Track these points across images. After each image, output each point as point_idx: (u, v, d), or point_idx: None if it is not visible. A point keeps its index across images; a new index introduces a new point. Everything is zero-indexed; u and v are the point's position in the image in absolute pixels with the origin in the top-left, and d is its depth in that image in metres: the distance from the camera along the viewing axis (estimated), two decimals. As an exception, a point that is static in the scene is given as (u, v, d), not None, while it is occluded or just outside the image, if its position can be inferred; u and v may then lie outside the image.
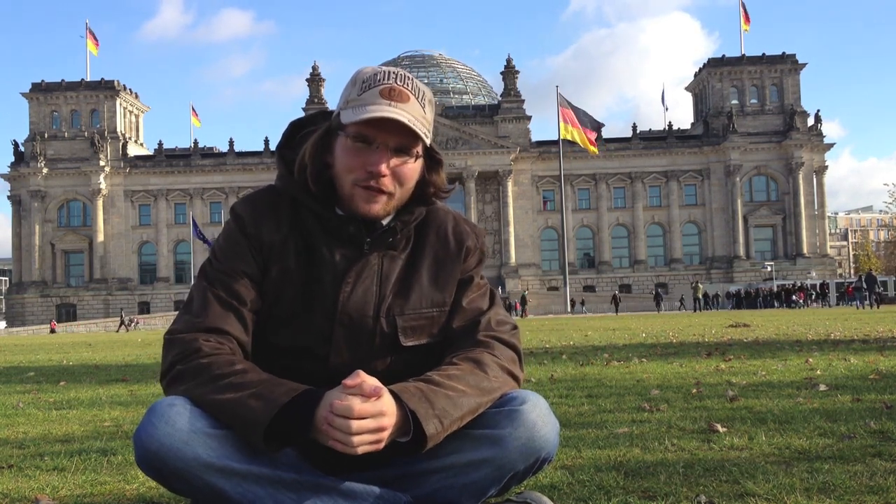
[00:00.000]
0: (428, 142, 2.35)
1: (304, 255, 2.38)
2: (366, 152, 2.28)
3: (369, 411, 2.05)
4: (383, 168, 2.27)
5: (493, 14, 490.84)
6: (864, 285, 51.88)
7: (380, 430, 2.06)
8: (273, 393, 2.12)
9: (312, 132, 2.41)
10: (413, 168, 2.34)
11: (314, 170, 2.35)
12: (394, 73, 2.31)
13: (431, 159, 2.42)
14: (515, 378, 2.42)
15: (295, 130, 2.51)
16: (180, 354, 2.26)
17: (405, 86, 2.29)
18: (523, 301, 64.29)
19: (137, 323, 73.24)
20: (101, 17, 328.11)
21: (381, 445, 2.09)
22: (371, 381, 2.09)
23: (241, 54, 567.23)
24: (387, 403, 2.08)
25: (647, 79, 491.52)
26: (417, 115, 2.29)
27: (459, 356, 2.36)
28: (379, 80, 2.28)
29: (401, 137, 2.28)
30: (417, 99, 2.30)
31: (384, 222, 2.39)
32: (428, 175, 2.42)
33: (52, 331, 67.55)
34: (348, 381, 2.08)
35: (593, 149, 60.90)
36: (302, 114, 2.58)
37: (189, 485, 2.13)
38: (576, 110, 58.55)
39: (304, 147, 2.38)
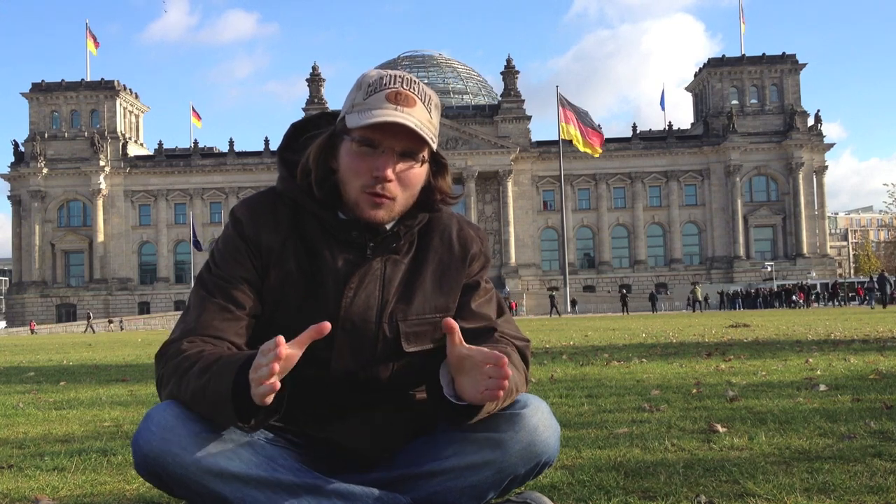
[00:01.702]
0: (434, 147, 2.32)
1: (305, 259, 2.35)
2: (371, 157, 2.25)
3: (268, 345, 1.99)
4: (389, 173, 2.24)
5: (496, 16, 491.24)
6: (877, 285, 52.85)
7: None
8: (228, 367, 2.09)
9: (316, 135, 2.38)
10: (418, 173, 2.31)
11: (318, 175, 2.32)
12: (400, 77, 2.28)
13: (437, 164, 2.39)
14: (527, 382, 2.42)
15: (296, 133, 2.48)
16: (166, 360, 2.25)
17: (412, 90, 2.25)
18: (553, 301, 64.23)
19: (122, 323, 73.50)
20: (105, 17, 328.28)
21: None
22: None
23: (246, 56, 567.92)
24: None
25: (649, 80, 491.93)
26: (424, 119, 2.25)
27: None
28: (385, 84, 2.25)
29: (407, 142, 2.25)
30: (424, 104, 2.27)
31: (387, 227, 2.36)
32: (433, 180, 2.39)
33: (32, 331, 67.44)
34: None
35: (596, 151, 60.71)
36: (302, 114, 2.56)
37: (188, 489, 2.13)
38: (577, 112, 58.43)
39: (307, 151, 2.35)
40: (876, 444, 3.59)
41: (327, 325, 2.04)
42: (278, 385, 1.98)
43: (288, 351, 1.99)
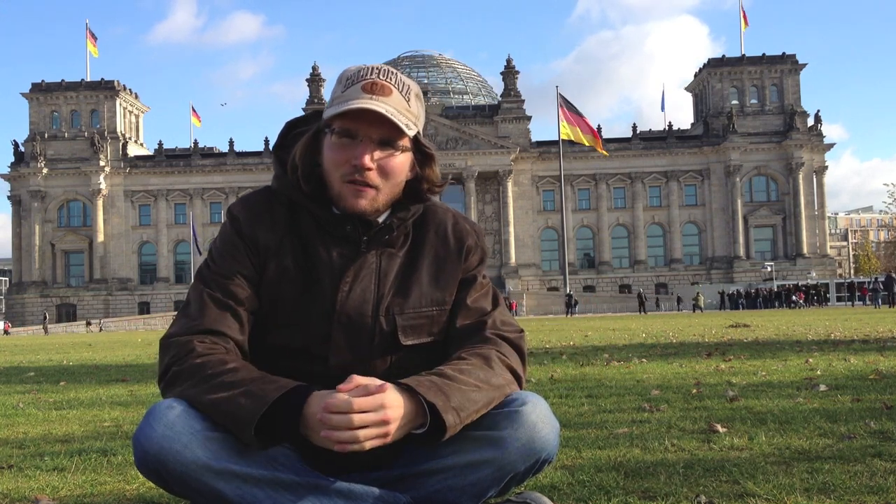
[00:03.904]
0: (411, 134, 2.33)
1: (301, 255, 2.38)
2: (350, 146, 2.29)
3: (370, 404, 2.03)
4: (367, 160, 2.27)
5: (499, 18, 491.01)
6: (882, 286, 54.46)
7: (384, 423, 2.04)
8: (263, 390, 2.11)
9: (304, 132, 2.42)
10: (400, 162, 2.34)
11: (304, 170, 2.36)
12: (377, 68, 2.32)
13: (423, 154, 2.41)
14: (518, 379, 2.41)
15: (290, 130, 2.52)
16: (176, 357, 2.26)
17: (388, 80, 2.30)
18: (570, 301, 63.89)
19: (102, 324, 73.58)
20: (111, 18, 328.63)
21: (390, 438, 2.07)
22: (367, 381, 2.08)
23: (250, 57, 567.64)
24: (389, 397, 2.06)
25: (651, 81, 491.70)
26: (400, 107, 2.28)
27: (468, 351, 2.36)
28: (362, 76, 2.30)
29: (383, 129, 2.28)
30: (401, 92, 2.30)
31: (380, 220, 2.39)
32: (420, 170, 2.42)
33: (6, 332, 67.46)
34: (342, 387, 2.06)
35: (601, 148, 60.82)
36: (301, 114, 2.57)
37: (188, 487, 2.13)
38: (577, 112, 58.43)
39: (294, 148, 2.39)
40: (876, 444, 3.59)
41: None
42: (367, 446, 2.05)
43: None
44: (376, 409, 2.04)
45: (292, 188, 2.38)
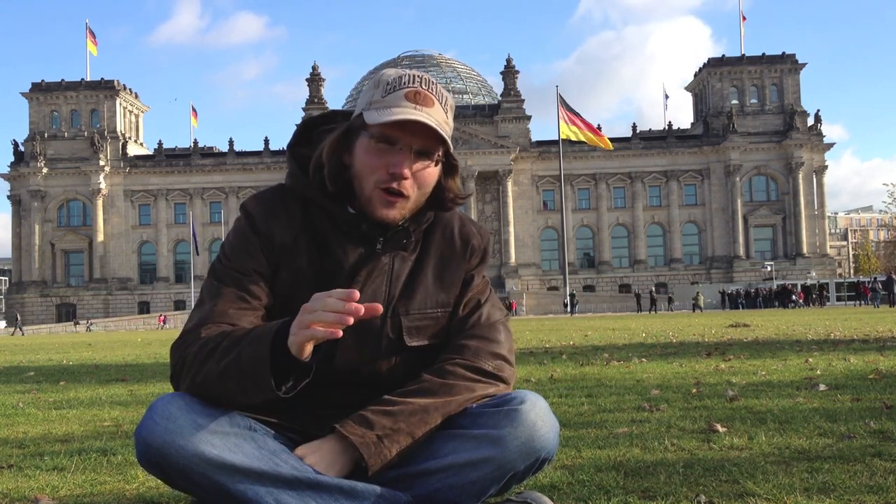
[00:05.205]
0: (451, 147, 2.36)
1: (316, 253, 2.39)
2: (389, 153, 2.29)
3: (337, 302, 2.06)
4: (405, 170, 2.28)
5: (501, 18, 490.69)
6: (881, 286, 55.73)
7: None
8: (265, 330, 2.14)
9: (329, 131, 2.41)
10: (432, 173, 2.36)
11: (331, 169, 2.35)
12: (418, 76, 2.33)
13: (448, 165, 2.42)
14: (498, 377, 2.42)
15: (308, 129, 2.51)
16: (186, 348, 2.26)
17: (430, 90, 2.30)
18: (573, 301, 63.68)
19: (91, 324, 73.43)
20: (114, 19, 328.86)
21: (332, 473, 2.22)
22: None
23: (253, 58, 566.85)
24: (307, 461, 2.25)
25: (653, 82, 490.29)
26: (441, 119, 2.30)
27: (430, 369, 2.39)
28: (404, 83, 2.29)
29: (425, 141, 2.29)
30: (441, 104, 2.32)
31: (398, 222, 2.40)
32: (444, 180, 2.43)
33: None
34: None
35: (607, 144, 60.94)
36: (302, 114, 2.59)
37: (190, 481, 2.14)
38: (576, 113, 58.47)
39: (321, 146, 2.38)
40: (876, 444, 3.59)
41: (379, 308, 2.05)
42: (340, 334, 2.02)
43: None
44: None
45: (308, 186, 2.38)
